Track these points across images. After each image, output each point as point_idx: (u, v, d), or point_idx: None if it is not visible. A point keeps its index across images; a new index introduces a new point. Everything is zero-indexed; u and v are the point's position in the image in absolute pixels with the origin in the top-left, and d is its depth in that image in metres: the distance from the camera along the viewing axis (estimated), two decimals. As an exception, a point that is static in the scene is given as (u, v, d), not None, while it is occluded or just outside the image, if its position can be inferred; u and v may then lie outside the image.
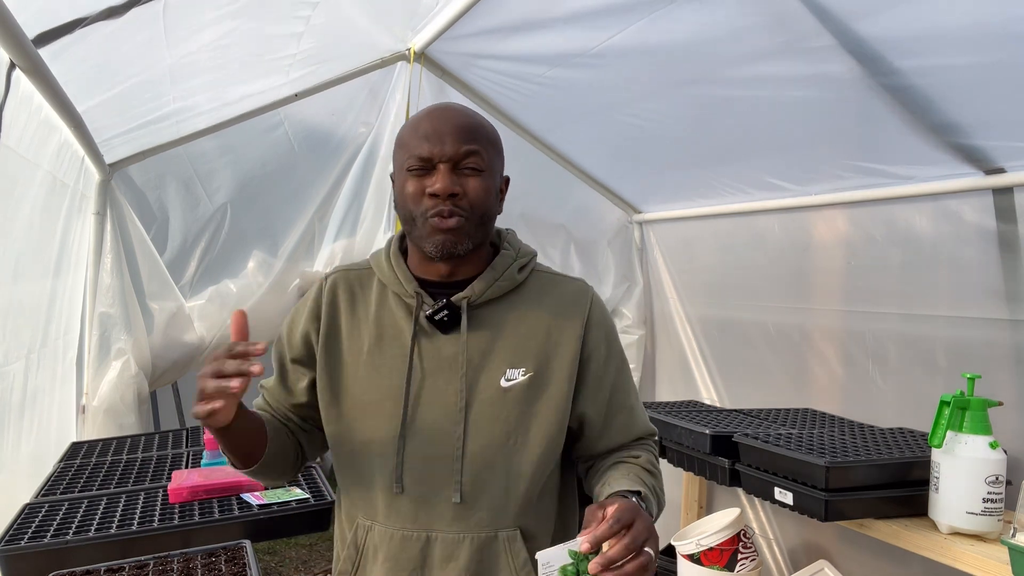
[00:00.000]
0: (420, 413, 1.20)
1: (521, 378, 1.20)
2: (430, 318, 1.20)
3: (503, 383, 1.20)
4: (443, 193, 1.15)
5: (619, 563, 0.95)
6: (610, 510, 1.00)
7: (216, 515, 1.61)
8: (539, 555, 1.03)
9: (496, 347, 1.21)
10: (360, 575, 1.23)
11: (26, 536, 1.49)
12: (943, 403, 1.72)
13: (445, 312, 1.19)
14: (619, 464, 1.25)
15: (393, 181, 1.25)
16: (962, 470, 1.67)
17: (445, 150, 1.16)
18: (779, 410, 2.49)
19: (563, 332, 1.23)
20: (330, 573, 3.97)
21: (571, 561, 1.01)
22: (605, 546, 0.97)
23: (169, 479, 1.82)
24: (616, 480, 1.18)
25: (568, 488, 1.34)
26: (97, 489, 1.81)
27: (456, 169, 1.17)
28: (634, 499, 1.08)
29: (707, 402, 3.01)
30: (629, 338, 3.38)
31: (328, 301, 1.28)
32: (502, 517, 1.20)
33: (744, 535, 2.46)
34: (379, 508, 1.22)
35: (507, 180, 1.29)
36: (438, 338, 1.21)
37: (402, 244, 1.30)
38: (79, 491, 1.80)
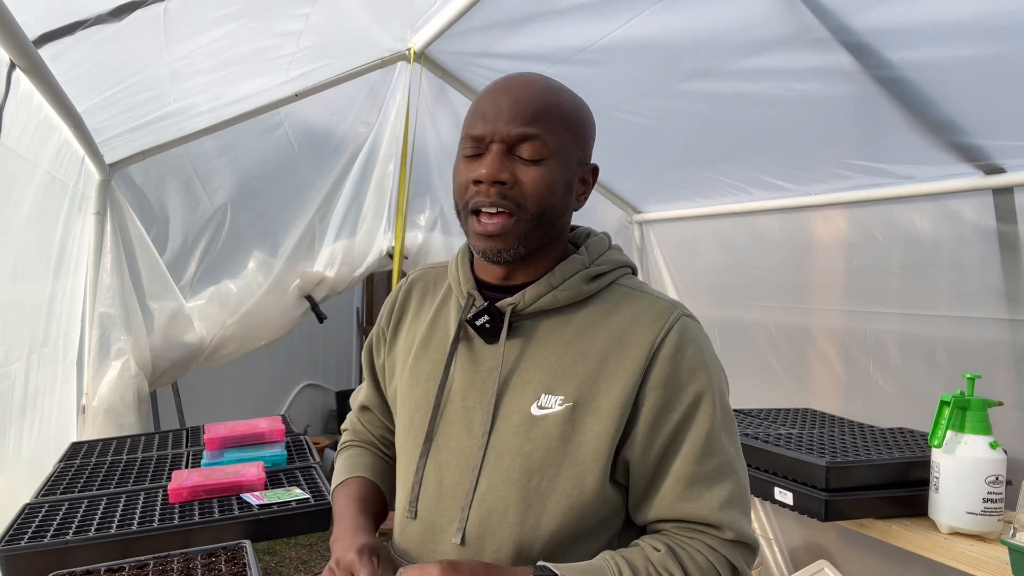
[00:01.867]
0: (444, 433, 1.05)
1: (557, 408, 0.99)
2: (471, 322, 1.05)
3: (534, 410, 1.00)
4: (487, 179, 0.97)
5: None
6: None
7: (216, 515, 1.61)
8: None
9: (535, 366, 1.02)
10: None
11: (26, 536, 1.48)
12: (943, 403, 1.72)
13: (486, 318, 1.03)
14: (632, 546, 1.01)
15: None
16: (962, 470, 1.67)
17: (498, 128, 0.98)
18: (779, 410, 2.49)
19: (623, 360, 0.99)
20: (330, 573, 3.94)
21: None
22: None
23: (169, 479, 1.81)
24: (588, 561, 0.97)
25: None
26: (97, 489, 1.81)
27: (511, 153, 0.99)
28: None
29: (707, 402, 3.01)
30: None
31: (402, 300, 1.20)
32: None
33: (744, 535, 2.46)
34: (396, 528, 1.12)
35: (595, 169, 1.08)
36: (479, 348, 1.06)
37: None
38: (79, 491, 1.80)
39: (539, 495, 0.99)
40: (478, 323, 1.04)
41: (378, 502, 1.18)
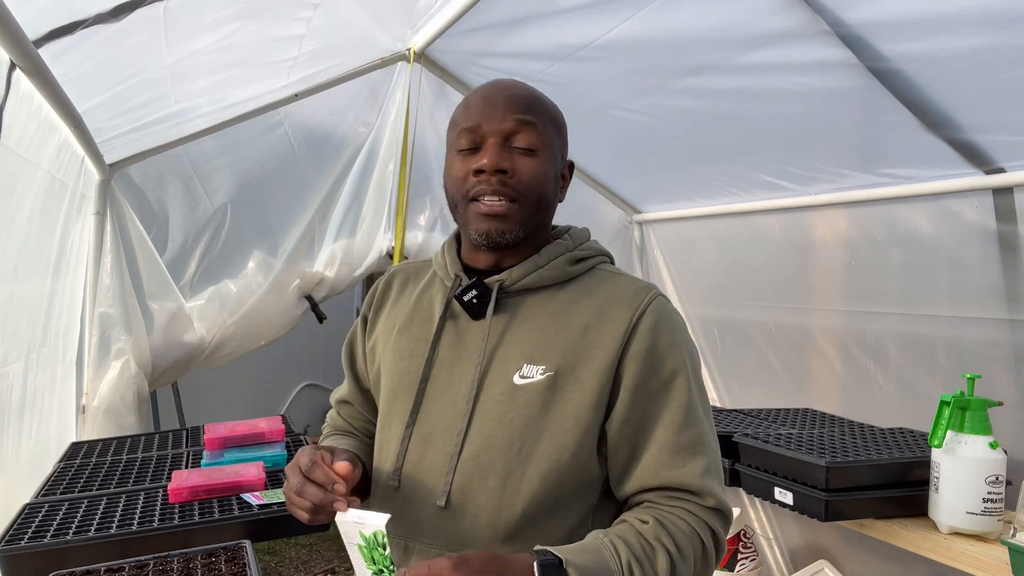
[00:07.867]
0: (430, 403, 1.09)
1: (538, 377, 1.03)
2: (459, 298, 1.08)
3: (516, 380, 1.03)
4: (490, 168, 1.03)
5: None
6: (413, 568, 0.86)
7: (216, 515, 1.61)
8: None
9: (519, 338, 1.06)
10: None
11: (26, 536, 1.48)
12: (943, 403, 1.72)
13: (474, 293, 1.07)
14: (619, 523, 1.02)
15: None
16: (962, 470, 1.67)
17: (494, 122, 1.05)
18: (779, 410, 2.49)
19: (603, 333, 1.04)
20: (330, 573, 3.97)
21: None
22: None
23: (169, 479, 1.81)
24: (582, 542, 0.96)
25: None
26: (97, 489, 1.81)
27: (507, 145, 1.05)
28: (535, 563, 0.88)
29: (707, 402, 3.01)
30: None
31: (382, 290, 1.24)
32: (487, 536, 1.02)
33: (744, 535, 2.46)
34: (378, 501, 1.13)
35: (571, 165, 1.16)
36: (466, 324, 1.09)
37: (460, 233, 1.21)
38: (79, 491, 1.80)
39: (520, 461, 1.02)
40: (465, 298, 1.08)
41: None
